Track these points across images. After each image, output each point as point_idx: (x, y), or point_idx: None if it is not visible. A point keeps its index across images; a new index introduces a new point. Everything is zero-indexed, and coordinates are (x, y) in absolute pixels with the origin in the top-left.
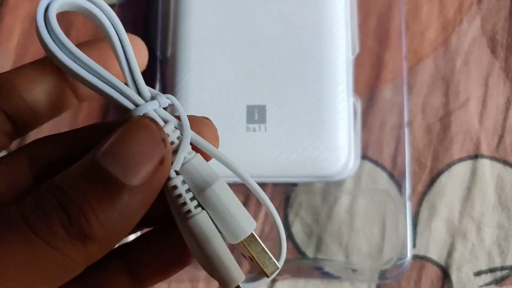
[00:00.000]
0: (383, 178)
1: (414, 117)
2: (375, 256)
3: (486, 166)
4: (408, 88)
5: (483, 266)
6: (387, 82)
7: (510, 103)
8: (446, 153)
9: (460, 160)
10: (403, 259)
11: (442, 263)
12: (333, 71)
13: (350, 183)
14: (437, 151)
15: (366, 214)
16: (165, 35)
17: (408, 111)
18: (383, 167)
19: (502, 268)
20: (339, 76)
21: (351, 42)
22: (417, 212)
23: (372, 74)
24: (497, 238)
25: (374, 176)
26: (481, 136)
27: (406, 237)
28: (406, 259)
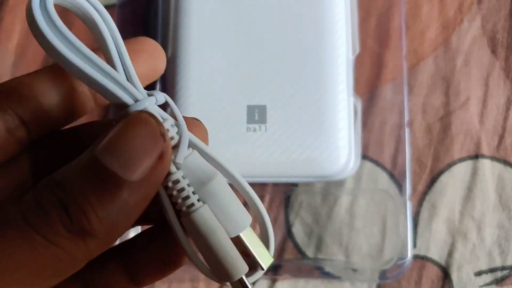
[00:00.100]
0: (384, 178)
1: (414, 117)
2: (375, 256)
3: (486, 166)
4: (409, 88)
5: (484, 266)
6: (387, 82)
7: (510, 103)
8: (446, 153)
9: (460, 160)
10: (403, 259)
11: (443, 263)
12: (333, 71)
13: (350, 183)
14: (437, 151)
15: (366, 214)
16: (165, 35)
17: (408, 111)
18: (383, 167)
19: (503, 268)
20: (340, 76)
21: (351, 42)
22: (417, 212)
23: (372, 74)
24: (497, 238)
25: (375, 176)
26: (481, 136)
27: (406, 237)
28: (406, 259)
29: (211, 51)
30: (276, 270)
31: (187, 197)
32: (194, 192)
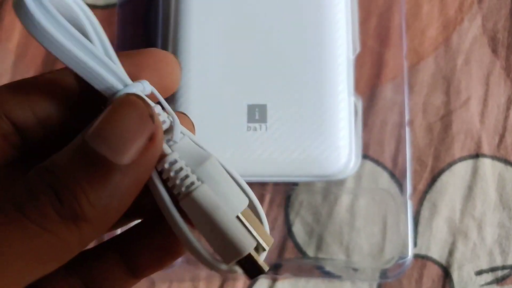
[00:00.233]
0: (384, 178)
1: (415, 116)
2: (376, 255)
3: (487, 165)
4: (409, 87)
5: (484, 265)
6: (387, 81)
7: (511, 102)
8: (447, 152)
9: (461, 159)
10: (404, 258)
11: (443, 262)
12: (333, 71)
13: (351, 182)
14: (438, 150)
15: (367, 213)
16: (165, 34)
17: (409, 110)
18: (384, 167)
19: (503, 267)
20: (340, 75)
21: (352, 41)
22: (418, 211)
23: (372, 73)
24: (498, 237)
25: (375, 176)
26: (482, 135)
27: (407, 236)
28: (407, 258)
29: (212, 50)
30: (276, 270)
31: (186, 176)
32: (192, 172)
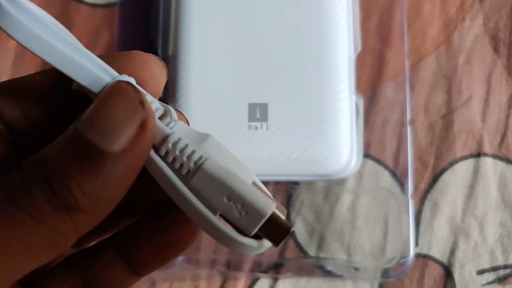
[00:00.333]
0: (385, 177)
1: (416, 115)
2: (377, 254)
3: (488, 165)
4: (410, 86)
5: (486, 265)
6: (389, 80)
7: None
8: (448, 151)
9: (462, 158)
10: (405, 257)
11: (445, 261)
12: (335, 70)
13: (352, 181)
14: (439, 150)
15: (368, 212)
16: (166, 33)
17: (410, 109)
18: (385, 166)
19: (505, 266)
20: (341, 74)
21: (353, 40)
22: (419, 211)
23: (374, 72)
24: (500, 236)
25: (376, 175)
26: (483, 135)
27: (408, 235)
28: (408, 257)
29: (212, 49)
30: (277, 269)
31: (193, 151)
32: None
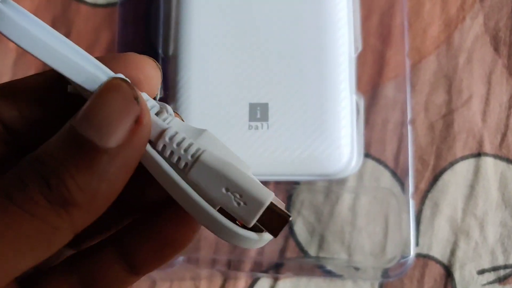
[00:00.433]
0: (386, 176)
1: (416, 115)
2: (377, 254)
3: (489, 164)
4: (411, 86)
5: (486, 265)
6: (389, 80)
7: None
8: (449, 151)
9: (463, 158)
10: (406, 257)
11: (445, 261)
12: (335, 69)
13: (352, 181)
14: (440, 149)
15: (368, 212)
16: (167, 33)
17: (410, 109)
18: (385, 165)
19: (506, 266)
20: (342, 74)
21: (354, 40)
22: (420, 210)
23: (374, 72)
24: (500, 236)
25: (377, 174)
26: (484, 134)
27: (409, 235)
28: (409, 257)
29: (213, 49)
30: (278, 269)
31: (190, 144)
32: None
